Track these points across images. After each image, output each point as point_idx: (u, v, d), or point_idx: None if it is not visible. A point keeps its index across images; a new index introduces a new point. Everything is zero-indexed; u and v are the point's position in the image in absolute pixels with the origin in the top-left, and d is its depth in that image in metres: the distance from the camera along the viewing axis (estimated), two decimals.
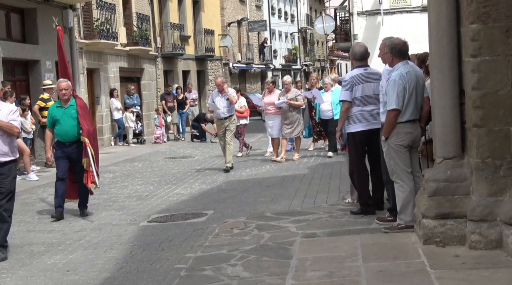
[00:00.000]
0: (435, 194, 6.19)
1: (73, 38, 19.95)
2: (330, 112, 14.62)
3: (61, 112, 9.59)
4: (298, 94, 15.03)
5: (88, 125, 9.58)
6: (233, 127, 14.22)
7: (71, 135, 9.52)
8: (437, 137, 6.34)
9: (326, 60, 66.48)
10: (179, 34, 29.58)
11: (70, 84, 9.68)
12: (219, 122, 14.25)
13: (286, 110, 14.76)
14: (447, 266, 5.58)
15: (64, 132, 9.52)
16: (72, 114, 9.52)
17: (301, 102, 14.99)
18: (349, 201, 8.84)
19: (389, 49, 6.96)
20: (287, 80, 15.25)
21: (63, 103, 9.64)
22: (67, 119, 9.52)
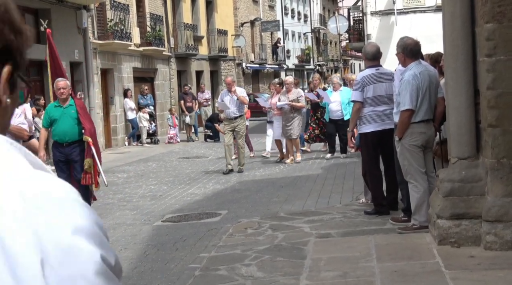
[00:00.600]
0: (450, 195, 6.16)
1: (87, 39, 20.06)
2: (340, 112, 14.49)
3: (59, 112, 9.29)
4: (300, 95, 14.82)
5: (90, 125, 9.39)
6: (243, 129, 13.92)
7: (70, 135, 9.23)
8: (452, 137, 6.32)
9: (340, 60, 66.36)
10: (193, 35, 29.64)
11: (69, 84, 9.52)
12: (227, 121, 13.99)
13: (287, 111, 14.55)
14: (462, 266, 5.56)
15: (63, 132, 9.23)
16: (72, 114, 9.25)
17: (303, 103, 14.83)
18: (363, 201, 8.82)
19: (401, 49, 6.95)
20: (289, 80, 15.05)
21: (62, 103, 9.34)
22: (66, 119, 9.24)
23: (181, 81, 28.65)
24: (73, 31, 19.45)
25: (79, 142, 9.19)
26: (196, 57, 30.26)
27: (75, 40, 19.52)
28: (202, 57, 31.52)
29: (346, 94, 14.35)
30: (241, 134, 13.77)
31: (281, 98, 14.66)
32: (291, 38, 51.35)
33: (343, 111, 14.34)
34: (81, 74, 19.96)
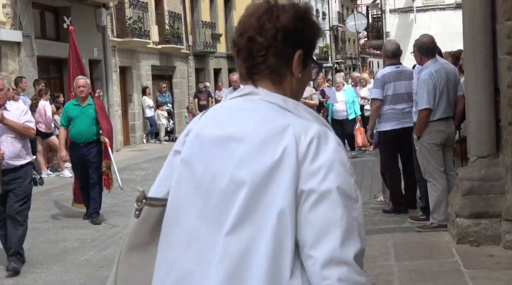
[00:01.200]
0: (469, 193, 6.12)
1: (106, 37, 20.16)
2: (345, 112, 14.29)
3: (78, 111, 9.09)
4: (313, 92, 14.49)
5: (108, 125, 9.24)
6: None
7: (86, 135, 9.03)
8: (472, 135, 6.27)
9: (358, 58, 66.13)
10: (211, 32, 29.67)
11: (89, 82, 9.35)
12: None
13: None
14: (482, 265, 5.52)
15: (79, 132, 9.02)
16: (90, 114, 9.05)
17: (316, 101, 14.47)
18: (381, 199, 8.79)
19: (417, 48, 6.90)
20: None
21: (81, 102, 9.14)
22: (84, 119, 9.03)
23: (199, 79, 28.70)
24: (92, 29, 19.56)
25: (96, 143, 9.04)
26: (214, 55, 30.29)
27: (94, 38, 19.63)
28: (220, 55, 31.55)
29: (350, 93, 14.33)
30: None
31: None
32: None
33: (348, 111, 14.25)
34: (100, 72, 20.07)
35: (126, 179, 13.66)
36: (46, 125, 14.15)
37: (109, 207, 10.36)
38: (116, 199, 11.20)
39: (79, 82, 9.12)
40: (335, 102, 14.25)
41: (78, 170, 9.28)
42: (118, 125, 20.84)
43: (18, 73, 15.40)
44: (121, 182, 9.26)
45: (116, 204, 10.66)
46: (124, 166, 16.19)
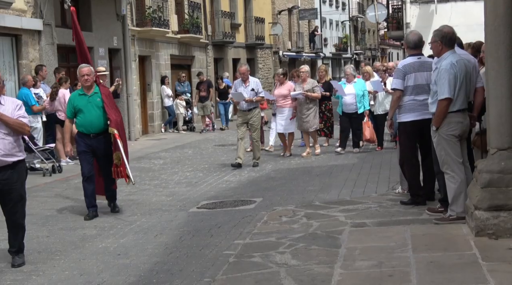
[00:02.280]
0: (488, 186, 6.07)
1: (126, 26, 20.20)
2: (354, 105, 13.85)
3: (84, 101, 8.69)
4: (315, 85, 14.22)
5: (116, 115, 8.76)
6: (258, 122, 13.08)
7: (96, 126, 8.67)
8: (492, 127, 6.21)
9: (377, 49, 65.74)
10: (230, 22, 29.63)
11: (93, 70, 8.83)
12: (241, 113, 13.13)
13: (302, 102, 13.96)
14: (500, 258, 5.48)
15: (89, 123, 8.66)
16: (97, 103, 8.67)
17: (318, 93, 14.13)
18: (399, 191, 8.75)
19: (439, 38, 6.83)
20: (304, 69, 14.33)
21: (86, 91, 8.74)
22: (92, 108, 8.65)
23: (217, 69, 28.71)
24: (112, 18, 19.60)
25: (106, 134, 8.70)
26: (233, 44, 30.26)
27: (114, 27, 19.68)
28: (239, 45, 31.51)
29: (360, 86, 13.92)
30: (256, 126, 13.01)
31: (296, 88, 14.15)
32: (328, 27, 51.00)
33: (358, 104, 13.82)
34: (119, 61, 20.14)
35: (144, 168, 13.74)
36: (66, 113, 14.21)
37: (126, 196, 10.42)
38: (134, 187, 11.25)
39: (82, 71, 8.70)
40: (343, 94, 13.85)
41: (85, 160, 8.77)
42: (137, 114, 20.92)
43: (38, 61, 15.50)
44: (132, 175, 8.86)
45: (134, 193, 10.72)
46: (143, 155, 16.27)
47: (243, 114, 13.03)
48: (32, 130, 13.56)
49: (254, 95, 12.88)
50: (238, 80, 13.53)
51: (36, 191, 11.17)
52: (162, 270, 6.24)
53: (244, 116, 12.99)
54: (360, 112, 13.90)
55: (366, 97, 13.98)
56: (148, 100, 22.23)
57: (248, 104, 12.88)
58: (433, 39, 6.92)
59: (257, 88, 13.04)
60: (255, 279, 5.51)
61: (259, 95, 13.00)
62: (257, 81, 13.43)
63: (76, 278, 6.16)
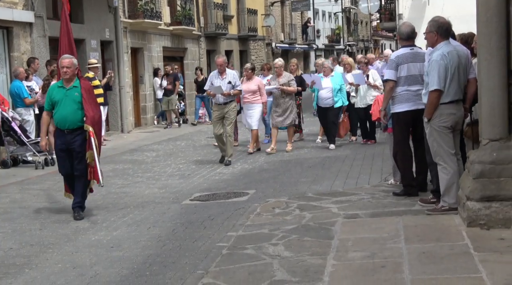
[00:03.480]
0: (480, 176, 6.09)
1: (118, 18, 20.14)
2: (331, 99, 13.46)
3: (61, 94, 8.26)
4: (291, 79, 13.75)
5: (93, 112, 8.28)
6: (233, 115, 12.45)
7: (71, 121, 8.22)
8: (484, 118, 6.23)
9: (370, 40, 65.75)
10: (222, 14, 29.56)
11: (75, 62, 8.36)
12: (217, 107, 12.48)
13: (277, 96, 13.52)
14: (492, 249, 5.51)
15: (63, 118, 8.22)
16: (75, 97, 8.22)
17: (294, 87, 13.63)
18: (392, 182, 8.77)
19: (435, 28, 6.82)
20: (278, 63, 13.86)
21: (65, 84, 8.30)
22: (69, 103, 8.20)
23: (210, 61, 28.65)
24: (104, 10, 19.53)
25: (82, 130, 8.23)
26: (225, 36, 30.20)
27: (106, 19, 19.61)
28: (232, 36, 31.45)
29: (338, 80, 13.56)
30: (231, 120, 12.35)
31: (271, 82, 13.70)
32: (321, 18, 50.95)
33: (334, 98, 13.45)
34: (111, 53, 20.07)
35: (137, 160, 13.73)
36: None
37: (119, 188, 10.41)
38: (127, 180, 11.25)
39: (63, 62, 8.28)
40: (320, 88, 13.48)
41: (61, 158, 8.40)
42: (129, 107, 20.88)
43: (30, 54, 15.44)
44: (102, 177, 8.35)
45: (127, 185, 10.71)
46: (135, 147, 16.25)
47: (219, 108, 12.40)
48: (24, 122, 13.53)
49: (231, 88, 12.30)
50: (214, 72, 12.80)
51: (28, 184, 11.15)
52: (155, 262, 6.25)
53: (221, 110, 12.36)
54: (337, 106, 13.55)
55: (344, 92, 13.67)
56: (140, 93, 22.19)
57: (224, 98, 12.29)
58: (428, 29, 6.89)
59: (235, 81, 12.45)
60: (248, 271, 5.52)
61: (237, 89, 12.44)
62: (234, 74, 12.79)
63: (69, 271, 6.15)
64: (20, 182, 11.46)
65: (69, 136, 8.28)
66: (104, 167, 12.75)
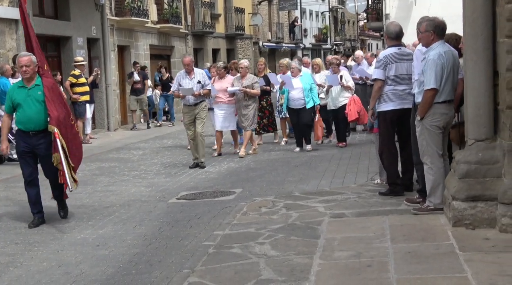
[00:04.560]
0: (466, 176, 6.12)
1: (104, 15, 20.05)
2: (302, 100, 12.88)
3: (23, 94, 7.68)
4: (254, 81, 13.12)
5: (58, 111, 7.65)
6: (204, 115, 12.02)
7: (36, 123, 7.64)
8: (470, 118, 6.26)
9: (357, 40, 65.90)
10: (210, 12, 29.53)
11: (34, 59, 7.71)
12: (187, 109, 11.99)
13: (240, 98, 12.96)
14: (477, 248, 5.54)
15: (27, 119, 7.63)
16: (38, 97, 7.64)
17: (257, 90, 13.10)
18: (378, 182, 8.80)
19: (432, 28, 6.81)
20: (244, 64, 13.28)
21: (26, 83, 7.70)
22: (32, 103, 7.63)
23: (197, 59, 28.60)
24: (91, 7, 19.44)
25: (48, 132, 7.67)
26: (213, 35, 30.17)
27: (93, 17, 19.52)
28: (219, 35, 31.43)
29: (307, 80, 13.06)
30: (202, 119, 11.89)
31: (235, 83, 13.06)
32: (308, 17, 51.01)
33: (306, 99, 12.89)
34: (98, 51, 19.98)
35: (123, 158, 13.69)
36: None
37: (105, 186, 10.37)
38: (113, 178, 11.22)
39: (20, 61, 7.67)
40: (291, 88, 12.97)
41: (25, 162, 7.79)
42: (116, 104, 20.80)
43: (15, 51, 15.31)
44: (70, 182, 7.71)
45: (113, 184, 10.68)
46: (121, 145, 16.20)
47: (190, 110, 11.92)
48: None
49: (201, 87, 11.86)
50: (181, 72, 12.31)
51: (14, 181, 11.07)
52: (141, 261, 6.23)
53: (191, 112, 11.89)
54: (309, 107, 13.01)
55: (314, 91, 13.14)
56: (127, 91, 22.10)
57: (195, 98, 11.84)
58: (424, 29, 6.86)
59: (204, 80, 11.99)
60: (235, 270, 5.51)
61: (206, 88, 11.97)
62: (203, 73, 12.31)
63: (54, 269, 6.12)
64: (5, 180, 11.39)
65: (34, 138, 7.70)
66: (90, 166, 12.76)
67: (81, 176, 11.57)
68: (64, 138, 7.66)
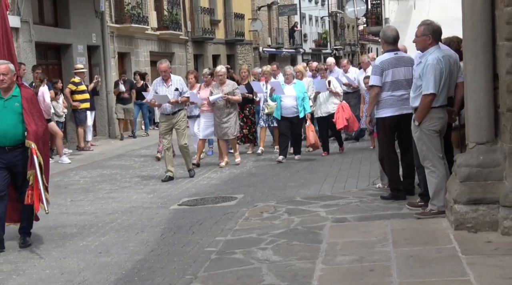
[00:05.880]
0: (467, 180, 6.13)
1: (105, 22, 20.10)
2: (295, 108, 12.36)
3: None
4: (235, 87, 12.63)
5: (36, 125, 7.08)
6: (184, 126, 11.45)
7: (12, 137, 7.04)
8: (470, 121, 6.27)
9: (357, 44, 65.95)
10: (209, 18, 29.58)
11: (13, 68, 7.21)
12: (164, 118, 11.36)
13: (221, 106, 12.36)
14: (479, 252, 5.53)
15: (2, 133, 7.00)
16: (15, 108, 7.05)
17: (239, 96, 12.58)
18: (380, 186, 8.80)
19: (430, 32, 6.82)
20: (222, 71, 12.60)
21: (3, 93, 7.09)
22: (7, 115, 7.02)
23: (197, 65, 28.65)
24: (91, 15, 19.49)
25: (25, 146, 7.09)
26: (212, 41, 30.21)
27: (93, 24, 19.56)
28: (219, 41, 31.47)
29: (301, 88, 12.49)
30: (182, 131, 11.34)
31: (214, 91, 12.43)
32: (308, 22, 51.05)
33: (299, 107, 12.36)
34: (98, 58, 20.03)
35: (124, 165, 13.70)
36: (45, 111, 14.10)
37: (107, 193, 10.38)
38: (114, 185, 11.22)
39: None
40: (281, 93, 12.41)
41: None
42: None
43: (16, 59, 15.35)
44: (47, 204, 7.11)
45: (115, 190, 10.69)
46: (123, 152, 16.21)
47: (167, 119, 11.28)
48: None
49: (178, 95, 11.22)
50: (158, 79, 11.66)
51: None
52: (144, 267, 6.23)
53: (169, 121, 11.27)
54: (302, 116, 12.48)
55: (307, 100, 12.57)
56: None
57: (172, 106, 11.17)
58: (421, 33, 6.85)
59: (182, 87, 11.36)
60: (237, 276, 5.51)
61: (184, 96, 11.33)
62: (181, 80, 11.60)
63: (57, 277, 6.12)
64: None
65: (10, 154, 7.07)
66: (92, 173, 12.78)
67: (82, 183, 11.62)
68: (42, 154, 7.09)
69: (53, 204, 9.35)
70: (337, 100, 13.12)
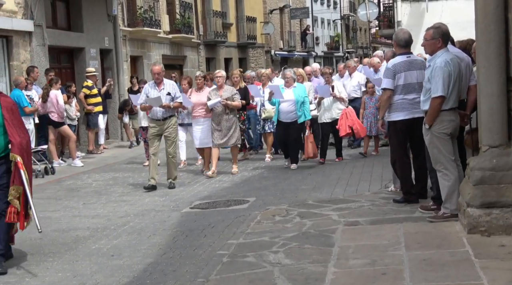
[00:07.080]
0: (480, 183, 6.09)
1: (117, 26, 20.18)
2: (294, 113, 11.92)
3: None
4: (234, 92, 12.03)
5: (20, 137, 6.56)
6: (174, 134, 11.01)
7: None
8: (483, 125, 6.23)
9: (369, 47, 65.82)
10: (222, 22, 29.64)
11: None
12: (154, 123, 10.92)
13: (220, 112, 11.73)
14: (493, 255, 5.50)
15: None
16: None
17: (238, 102, 11.99)
18: (392, 189, 8.76)
19: (440, 36, 6.80)
20: (220, 74, 12.14)
21: None
22: None
23: (209, 68, 28.70)
24: (103, 19, 19.57)
25: (5, 159, 6.57)
26: (225, 44, 30.26)
27: (105, 28, 19.65)
28: (231, 44, 31.51)
29: (301, 92, 12.02)
30: (172, 139, 10.95)
31: (212, 96, 11.83)
32: (320, 25, 51.04)
33: (298, 113, 11.94)
34: (110, 62, 20.11)
35: (136, 168, 13.72)
36: (59, 114, 14.20)
37: (119, 196, 10.41)
38: (127, 188, 11.25)
39: None
40: (280, 98, 11.99)
41: None
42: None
43: (29, 63, 15.46)
44: (38, 222, 6.49)
45: (127, 194, 10.71)
46: (135, 155, 16.24)
47: (157, 124, 10.87)
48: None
49: (171, 100, 10.81)
50: (149, 82, 11.30)
51: None
52: (156, 270, 6.24)
53: (159, 127, 10.87)
54: (300, 122, 12.02)
55: (307, 105, 12.08)
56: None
57: (163, 112, 10.79)
58: (431, 36, 6.83)
59: (174, 92, 10.91)
60: (249, 279, 5.51)
61: (177, 101, 10.92)
62: (174, 84, 11.19)
63: (69, 280, 6.14)
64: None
65: None
66: (104, 176, 12.82)
67: (95, 186, 11.66)
68: (26, 168, 6.56)
69: (65, 207, 9.42)
70: (342, 105, 12.58)
